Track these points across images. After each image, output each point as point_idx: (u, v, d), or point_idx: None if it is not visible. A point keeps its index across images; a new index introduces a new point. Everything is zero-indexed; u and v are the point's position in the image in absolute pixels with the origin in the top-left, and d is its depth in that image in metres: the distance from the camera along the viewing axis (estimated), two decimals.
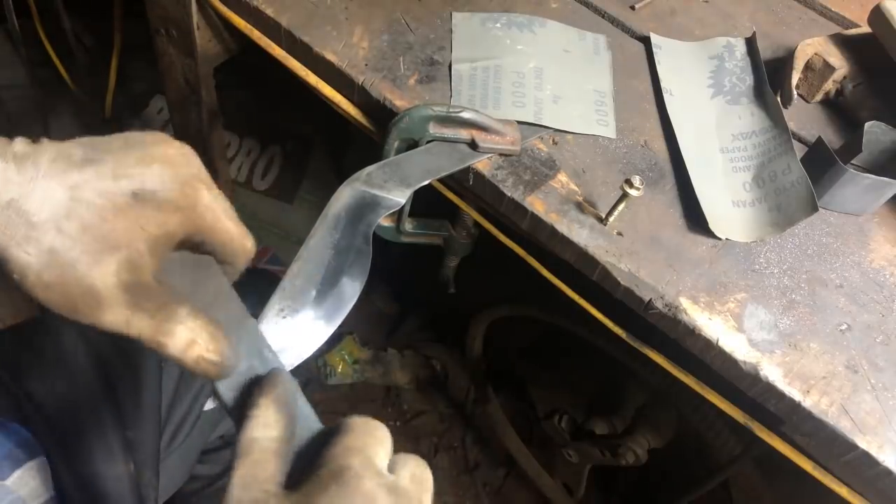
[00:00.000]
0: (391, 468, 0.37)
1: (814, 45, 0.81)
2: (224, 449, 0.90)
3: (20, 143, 0.37)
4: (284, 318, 0.51)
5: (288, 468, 0.37)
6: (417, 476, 0.37)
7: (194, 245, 0.42)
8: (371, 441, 0.36)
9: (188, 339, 0.39)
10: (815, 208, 0.64)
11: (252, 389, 0.39)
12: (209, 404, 0.46)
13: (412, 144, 0.68)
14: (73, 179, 0.37)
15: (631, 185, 0.61)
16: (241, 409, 0.39)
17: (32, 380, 0.69)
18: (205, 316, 0.40)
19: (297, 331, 0.51)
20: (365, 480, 0.34)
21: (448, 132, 0.68)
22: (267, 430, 0.36)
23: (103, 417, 0.71)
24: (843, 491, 0.61)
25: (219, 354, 0.39)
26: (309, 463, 0.36)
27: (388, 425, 0.38)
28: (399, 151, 0.69)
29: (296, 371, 0.48)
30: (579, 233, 0.65)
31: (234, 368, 0.40)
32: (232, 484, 0.35)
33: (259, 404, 0.37)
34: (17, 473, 0.62)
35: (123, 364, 0.75)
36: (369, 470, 0.35)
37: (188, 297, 0.40)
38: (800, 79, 0.82)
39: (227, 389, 0.41)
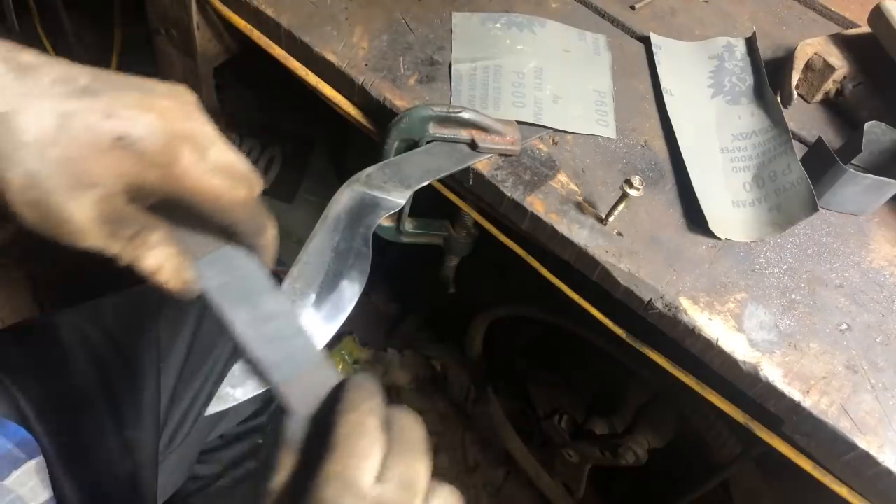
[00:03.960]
0: (382, 475, 0.36)
1: (814, 45, 0.81)
2: (223, 449, 0.90)
3: (28, 54, 0.37)
4: None
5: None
6: (406, 481, 0.36)
7: (182, 205, 0.42)
8: (354, 461, 0.35)
9: (156, 264, 0.41)
10: (815, 208, 0.64)
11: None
12: (210, 409, 0.46)
13: (412, 144, 0.68)
14: (66, 106, 0.36)
15: (631, 185, 0.61)
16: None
17: (32, 380, 0.69)
18: (175, 245, 0.42)
19: None
20: None
21: (448, 132, 0.68)
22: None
23: (102, 418, 0.71)
24: (843, 491, 0.61)
25: (180, 283, 0.42)
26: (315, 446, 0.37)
27: None
28: (399, 151, 0.69)
29: None
30: (579, 233, 0.65)
31: (195, 293, 0.43)
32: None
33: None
34: (16, 474, 0.62)
35: (122, 364, 0.75)
36: (347, 495, 0.34)
37: (163, 224, 0.42)
38: (800, 79, 0.82)
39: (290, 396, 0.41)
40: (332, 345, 1.53)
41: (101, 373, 0.73)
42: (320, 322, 0.53)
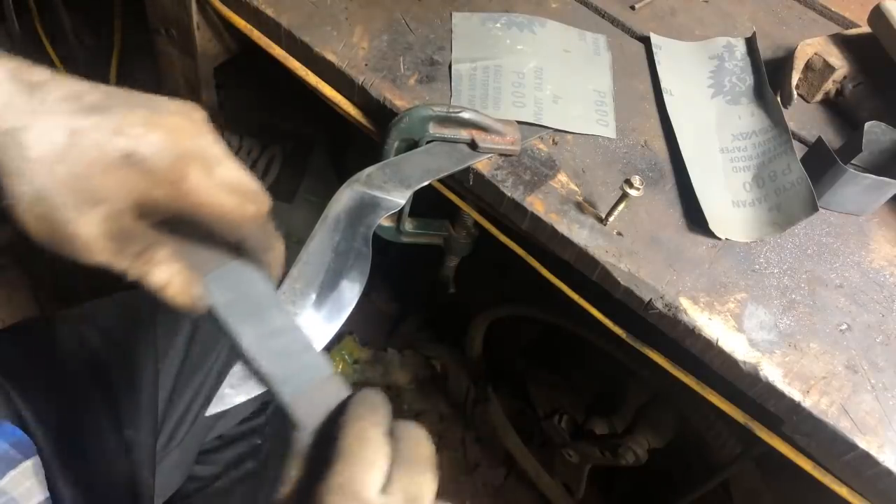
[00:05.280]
0: (387, 487, 0.36)
1: (814, 45, 0.81)
2: (222, 449, 0.90)
3: (38, 72, 0.37)
4: None
5: None
6: (411, 495, 0.36)
7: (191, 222, 0.42)
8: (358, 470, 0.35)
9: (164, 280, 0.41)
10: (815, 208, 0.64)
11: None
12: (210, 410, 0.46)
13: (412, 144, 0.68)
14: (75, 124, 0.37)
15: (631, 185, 0.61)
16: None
17: (29, 380, 0.69)
18: (183, 261, 0.42)
19: None
20: None
21: (448, 132, 0.68)
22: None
23: (100, 417, 0.71)
24: (843, 491, 0.61)
25: (188, 300, 0.42)
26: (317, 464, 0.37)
27: None
28: (399, 151, 0.69)
29: None
30: (579, 233, 0.65)
31: (203, 309, 0.43)
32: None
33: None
34: (11, 474, 0.62)
35: (120, 364, 0.75)
36: None
37: (171, 240, 0.42)
38: (800, 79, 0.82)
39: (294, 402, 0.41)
40: (332, 345, 1.53)
41: (99, 372, 0.73)
42: (320, 322, 0.53)
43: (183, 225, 0.41)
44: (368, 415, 0.37)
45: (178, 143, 0.39)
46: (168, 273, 0.42)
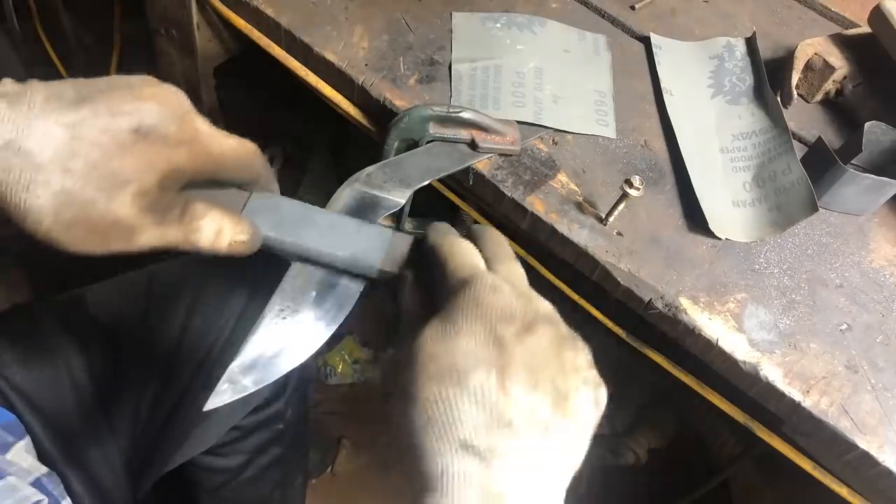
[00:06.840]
0: (489, 267, 0.42)
1: (814, 45, 0.81)
2: (243, 440, 0.89)
3: (9, 83, 0.37)
4: (284, 318, 0.51)
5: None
6: (512, 276, 0.42)
7: (207, 179, 0.43)
8: (464, 255, 0.41)
9: (215, 229, 0.43)
10: (815, 208, 0.64)
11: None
12: (208, 405, 0.46)
13: (412, 144, 0.68)
14: (70, 118, 0.36)
15: (631, 185, 0.61)
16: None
17: (15, 366, 0.69)
18: (221, 205, 0.44)
19: (297, 331, 0.51)
20: (482, 281, 0.39)
21: (448, 132, 0.68)
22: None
23: (86, 400, 0.71)
24: (843, 491, 0.61)
25: (246, 233, 0.44)
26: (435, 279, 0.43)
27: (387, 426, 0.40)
28: (399, 151, 0.69)
29: (296, 370, 0.49)
30: (579, 233, 0.65)
31: (261, 239, 0.47)
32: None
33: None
34: (13, 451, 0.62)
35: (108, 349, 0.75)
36: (480, 273, 0.40)
37: (195, 194, 0.43)
38: (800, 79, 0.82)
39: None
40: (332, 344, 1.53)
41: (85, 356, 0.73)
42: (320, 321, 0.53)
43: (192, 184, 0.42)
44: (448, 233, 0.45)
45: (172, 107, 0.40)
46: (217, 222, 0.43)
